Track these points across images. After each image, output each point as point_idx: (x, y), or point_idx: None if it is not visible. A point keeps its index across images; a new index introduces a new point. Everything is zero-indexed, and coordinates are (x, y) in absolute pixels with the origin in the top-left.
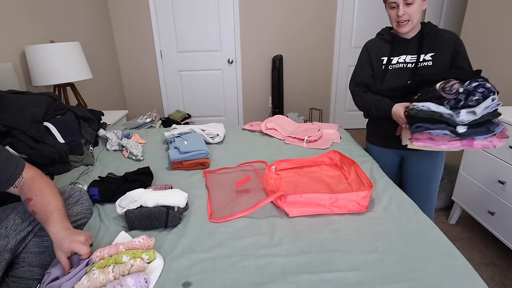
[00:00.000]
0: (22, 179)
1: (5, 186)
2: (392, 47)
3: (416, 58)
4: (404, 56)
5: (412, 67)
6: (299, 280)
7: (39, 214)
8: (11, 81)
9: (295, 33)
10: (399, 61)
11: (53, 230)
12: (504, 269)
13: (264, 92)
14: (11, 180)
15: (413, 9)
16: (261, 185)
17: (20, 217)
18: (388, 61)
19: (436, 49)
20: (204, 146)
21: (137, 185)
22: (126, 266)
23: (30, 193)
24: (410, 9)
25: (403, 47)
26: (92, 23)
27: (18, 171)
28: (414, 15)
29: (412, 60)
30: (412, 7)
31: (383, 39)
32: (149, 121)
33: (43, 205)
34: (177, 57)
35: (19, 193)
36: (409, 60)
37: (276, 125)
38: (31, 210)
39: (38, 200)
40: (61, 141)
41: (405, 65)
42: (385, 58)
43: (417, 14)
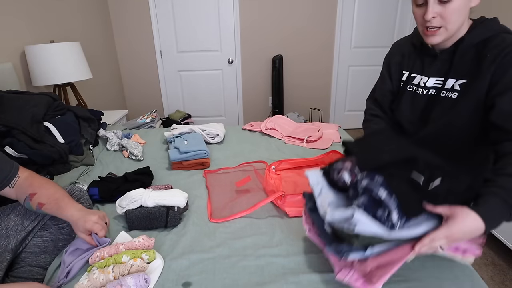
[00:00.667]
0: (18, 179)
1: (1, 186)
2: (421, 60)
3: (442, 83)
4: (426, 78)
5: (433, 95)
6: (299, 280)
7: (48, 204)
8: (11, 81)
9: (295, 33)
10: (421, 83)
11: (68, 213)
12: (504, 269)
13: (264, 92)
14: (7, 180)
15: (451, 10)
16: (261, 185)
17: (20, 217)
18: (410, 79)
19: (470, 74)
20: (204, 146)
21: (137, 185)
22: (126, 266)
23: (32, 188)
24: (446, 10)
25: (430, 64)
26: (92, 23)
27: (14, 170)
28: (452, 19)
29: (437, 84)
30: (450, 6)
31: (413, 42)
32: (149, 121)
33: (50, 195)
34: (177, 57)
35: (15, 194)
36: (432, 84)
37: (276, 125)
38: (37, 203)
39: (44, 192)
40: (61, 141)
41: (426, 91)
42: (406, 72)
43: (457, 17)
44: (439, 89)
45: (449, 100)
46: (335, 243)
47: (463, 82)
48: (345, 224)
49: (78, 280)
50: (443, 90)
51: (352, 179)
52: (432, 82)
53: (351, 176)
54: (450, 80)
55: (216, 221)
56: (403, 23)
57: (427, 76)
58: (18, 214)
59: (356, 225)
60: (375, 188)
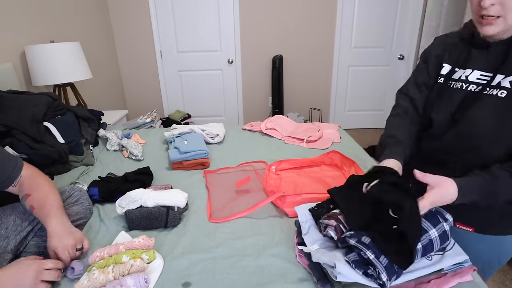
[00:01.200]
0: (21, 178)
1: (4, 185)
2: (468, 52)
3: (489, 79)
4: (470, 71)
5: (474, 91)
6: (299, 280)
7: (37, 209)
8: (11, 81)
9: (295, 33)
10: (462, 77)
11: (49, 225)
12: (504, 269)
13: (264, 92)
14: (10, 180)
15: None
16: (261, 185)
17: (20, 217)
18: (450, 73)
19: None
20: (204, 146)
21: (137, 185)
22: (126, 266)
23: (29, 188)
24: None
25: (478, 55)
26: (92, 23)
27: (16, 170)
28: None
29: (481, 80)
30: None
31: (461, 36)
32: (149, 121)
33: (41, 200)
34: (177, 57)
35: (18, 192)
36: (475, 78)
37: (276, 125)
38: (29, 205)
39: (36, 195)
40: (61, 141)
41: (466, 86)
42: (446, 65)
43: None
44: (483, 85)
45: (494, 99)
46: (321, 281)
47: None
48: (330, 269)
49: (78, 280)
50: (488, 87)
51: (338, 236)
52: (476, 76)
53: (337, 234)
54: (499, 76)
55: (216, 221)
56: (403, 23)
57: (471, 69)
58: (18, 214)
59: (337, 276)
60: (363, 249)
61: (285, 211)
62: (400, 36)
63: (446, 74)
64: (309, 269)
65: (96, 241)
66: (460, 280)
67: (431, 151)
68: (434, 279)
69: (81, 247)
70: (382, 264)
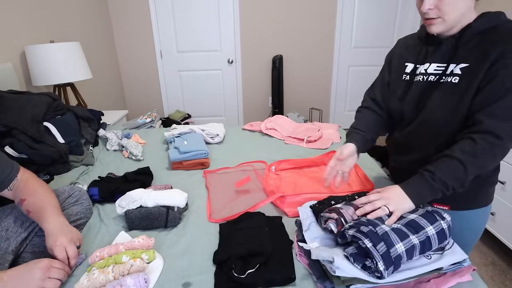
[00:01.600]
0: (17, 182)
1: (0, 188)
2: (426, 49)
3: (443, 69)
4: (428, 64)
5: (433, 81)
6: (299, 280)
7: (33, 212)
8: (11, 81)
9: (295, 33)
10: (422, 70)
11: (45, 225)
12: (504, 269)
13: (264, 92)
14: (6, 182)
15: (446, 2)
16: (261, 185)
17: (20, 218)
18: (413, 70)
19: (472, 58)
20: (204, 146)
21: (137, 185)
22: (125, 266)
23: (24, 193)
24: (441, 2)
25: (433, 51)
26: (92, 23)
27: (13, 173)
28: (447, 10)
29: (437, 71)
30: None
31: (419, 36)
32: (149, 121)
33: (37, 203)
34: (177, 57)
35: (12, 196)
36: (432, 70)
37: (276, 125)
38: (25, 210)
39: (32, 200)
40: (61, 141)
41: (426, 78)
42: (409, 64)
43: (453, 8)
44: (439, 75)
45: (449, 85)
46: (320, 279)
47: (465, 66)
48: (328, 264)
49: (78, 280)
50: (444, 75)
51: (339, 229)
52: (433, 68)
53: (337, 227)
54: (452, 65)
55: (215, 221)
56: (403, 23)
57: (428, 63)
58: (18, 215)
59: (336, 271)
60: (361, 237)
61: (285, 211)
62: (400, 36)
63: (410, 71)
64: (309, 268)
65: (96, 241)
66: (459, 280)
67: (401, 139)
68: (434, 278)
69: (79, 245)
70: (379, 252)
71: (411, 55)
